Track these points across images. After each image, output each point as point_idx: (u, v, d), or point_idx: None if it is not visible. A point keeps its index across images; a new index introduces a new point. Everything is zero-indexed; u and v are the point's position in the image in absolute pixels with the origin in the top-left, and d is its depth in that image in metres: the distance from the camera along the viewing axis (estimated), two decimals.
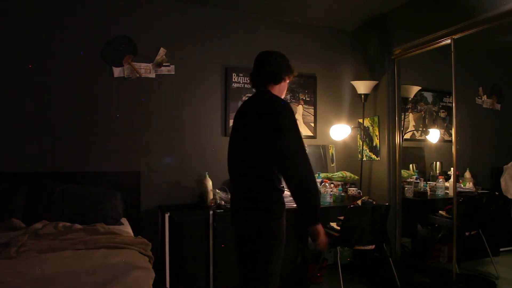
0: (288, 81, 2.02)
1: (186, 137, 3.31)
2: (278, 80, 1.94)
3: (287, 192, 1.87)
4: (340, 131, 3.73)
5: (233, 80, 3.47)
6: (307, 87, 3.80)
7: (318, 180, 3.36)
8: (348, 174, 3.57)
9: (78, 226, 2.40)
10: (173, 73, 3.26)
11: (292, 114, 1.79)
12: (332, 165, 3.84)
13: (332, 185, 3.35)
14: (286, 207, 1.90)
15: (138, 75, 3.13)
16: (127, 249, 2.07)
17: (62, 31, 2.94)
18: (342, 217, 2.90)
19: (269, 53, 1.98)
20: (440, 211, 3.43)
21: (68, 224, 2.43)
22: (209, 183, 3.15)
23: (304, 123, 3.78)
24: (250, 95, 3.54)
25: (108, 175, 3.01)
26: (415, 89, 3.72)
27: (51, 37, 2.91)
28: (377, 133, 3.58)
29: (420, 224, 3.66)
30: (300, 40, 3.78)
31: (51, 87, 2.92)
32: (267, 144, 1.76)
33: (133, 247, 2.11)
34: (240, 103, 3.48)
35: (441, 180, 3.46)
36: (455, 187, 2.98)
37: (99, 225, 2.46)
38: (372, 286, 3.18)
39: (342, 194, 3.36)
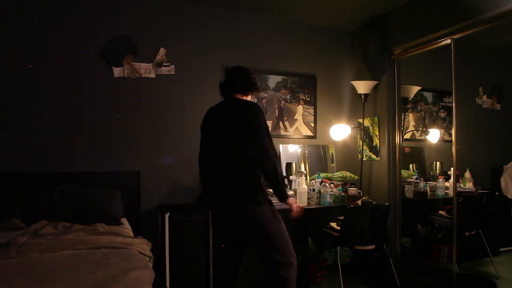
0: (250, 97, 2.28)
1: (186, 137, 3.31)
2: (247, 93, 2.22)
3: None
4: (340, 131, 3.73)
5: None
6: (307, 87, 3.80)
7: (318, 180, 3.37)
8: (348, 174, 3.56)
9: (78, 226, 2.40)
10: (173, 73, 3.26)
11: (263, 114, 2.08)
12: (332, 165, 3.84)
13: (332, 185, 3.34)
14: (286, 207, 2.11)
15: (138, 75, 3.13)
16: (127, 249, 2.07)
17: (62, 31, 2.94)
18: (342, 217, 2.90)
19: (242, 68, 2.28)
20: (440, 211, 3.43)
21: (68, 224, 2.43)
22: None
23: (304, 123, 3.78)
24: None
25: (108, 175, 3.01)
26: (415, 89, 3.72)
27: (51, 37, 2.92)
28: (377, 133, 3.58)
29: (420, 224, 3.66)
30: (300, 40, 3.78)
31: (51, 87, 2.92)
32: (247, 139, 2.00)
33: (133, 247, 2.11)
34: None
35: (441, 180, 3.46)
36: (455, 187, 2.98)
37: (99, 225, 2.46)
38: (372, 286, 3.18)
39: (342, 194, 3.36)
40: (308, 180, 3.46)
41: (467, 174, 3.52)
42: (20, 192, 2.62)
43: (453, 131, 2.92)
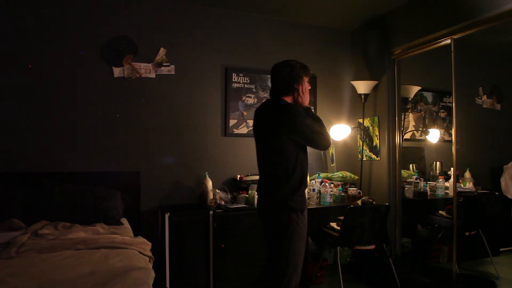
0: (306, 81, 2.16)
1: (186, 137, 3.31)
2: (288, 93, 2.08)
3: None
4: (340, 131, 3.72)
5: (233, 80, 3.47)
6: None
7: (318, 180, 3.37)
8: (348, 174, 3.57)
9: (78, 226, 2.40)
10: (173, 73, 3.26)
11: (297, 113, 2.00)
12: (332, 165, 3.84)
13: (332, 185, 3.34)
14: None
15: (138, 75, 3.13)
16: (127, 249, 2.08)
17: (62, 31, 2.94)
18: (342, 217, 2.90)
19: (280, 65, 2.16)
20: (440, 211, 3.43)
21: (68, 224, 2.43)
22: (209, 183, 3.15)
23: None
24: (250, 95, 3.56)
25: (108, 175, 3.01)
26: (415, 89, 3.72)
27: (51, 37, 2.91)
28: (377, 133, 3.58)
29: (420, 224, 3.66)
30: (300, 40, 3.78)
31: (51, 87, 2.91)
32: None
33: (133, 247, 2.11)
34: (240, 103, 3.50)
35: (441, 180, 3.46)
36: (455, 187, 2.98)
37: (99, 225, 2.46)
38: (372, 286, 3.18)
39: (342, 194, 3.36)
40: (308, 180, 3.46)
41: (467, 174, 3.53)
42: (20, 192, 2.62)
43: (453, 131, 2.92)
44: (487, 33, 2.84)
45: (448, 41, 2.93)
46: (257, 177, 3.31)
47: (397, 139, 3.47)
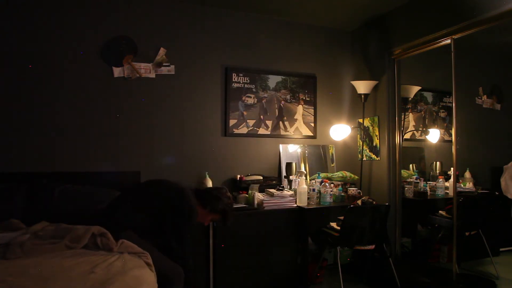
0: (209, 215, 2.44)
1: (186, 137, 3.31)
2: (203, 205, 2.39)
3: None
4: (340, 131, 3.72)
5: (233, 80, 3.47)
6: (307, 87, 3.80)
7: (318, 180, 3.36)
8: (348, 174, 3.57)
9: (78, 227, 2.39)
10: (173, 73, 3.26)
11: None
12: (332, 165, 3.84)
13: (332, 185, 3.34)
14: (286, 207, 1.94)
15: (138, 75, 3.13)
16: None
17: (62, 31, 2.94)
18: (342, 217, 2.90)
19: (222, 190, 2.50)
20: (440, 211, 3.43)
21: (69, 225, 2.42)
22: (209, 183, 3.15)
23: (304, 123, 3.78)
24: (250, 95, 3.56)
25: (108, 175, 3.01)
26: (415, 89, 3.72)
27: (51, 37, 2.91)
28: (377, 133, 3.58)
29: (420, 224, 3.66)
30: (300, 40, 3.78)
31: (51, 87, 2.91)
32: None
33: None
34: (240, 103, 3.49)
35: (441, 180, 3.46)
36: (455, 187, 2.98)
37: (99, 226, 2.45)
38: (372, 286, 3.18)
39: (342, 194, 3.36)
40: (308, 180, 3.46)
41: (467, 174, 3.52)
42: (20, 192, 2.61)
43: (453, 131, 2.92)
44: (487, 33, 2.84)
45: (448, 41, 2.93)
46: (257, 177, 3.33)
47: (397, 139, 3.47)
